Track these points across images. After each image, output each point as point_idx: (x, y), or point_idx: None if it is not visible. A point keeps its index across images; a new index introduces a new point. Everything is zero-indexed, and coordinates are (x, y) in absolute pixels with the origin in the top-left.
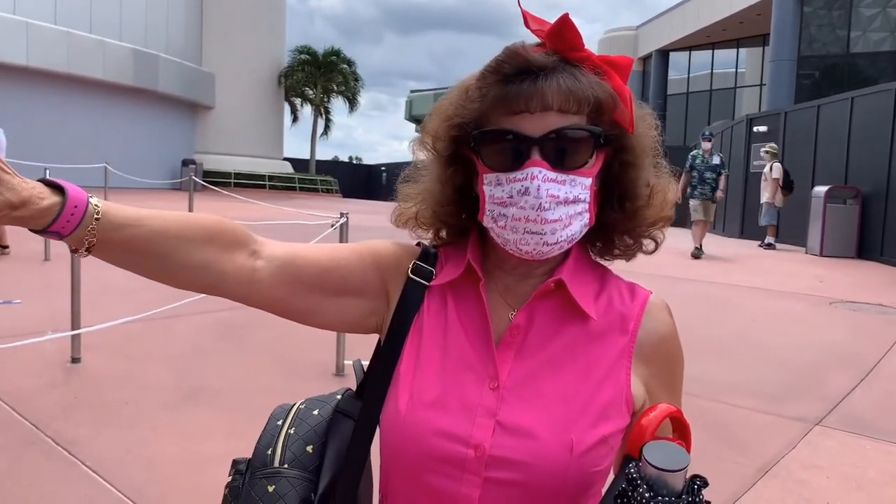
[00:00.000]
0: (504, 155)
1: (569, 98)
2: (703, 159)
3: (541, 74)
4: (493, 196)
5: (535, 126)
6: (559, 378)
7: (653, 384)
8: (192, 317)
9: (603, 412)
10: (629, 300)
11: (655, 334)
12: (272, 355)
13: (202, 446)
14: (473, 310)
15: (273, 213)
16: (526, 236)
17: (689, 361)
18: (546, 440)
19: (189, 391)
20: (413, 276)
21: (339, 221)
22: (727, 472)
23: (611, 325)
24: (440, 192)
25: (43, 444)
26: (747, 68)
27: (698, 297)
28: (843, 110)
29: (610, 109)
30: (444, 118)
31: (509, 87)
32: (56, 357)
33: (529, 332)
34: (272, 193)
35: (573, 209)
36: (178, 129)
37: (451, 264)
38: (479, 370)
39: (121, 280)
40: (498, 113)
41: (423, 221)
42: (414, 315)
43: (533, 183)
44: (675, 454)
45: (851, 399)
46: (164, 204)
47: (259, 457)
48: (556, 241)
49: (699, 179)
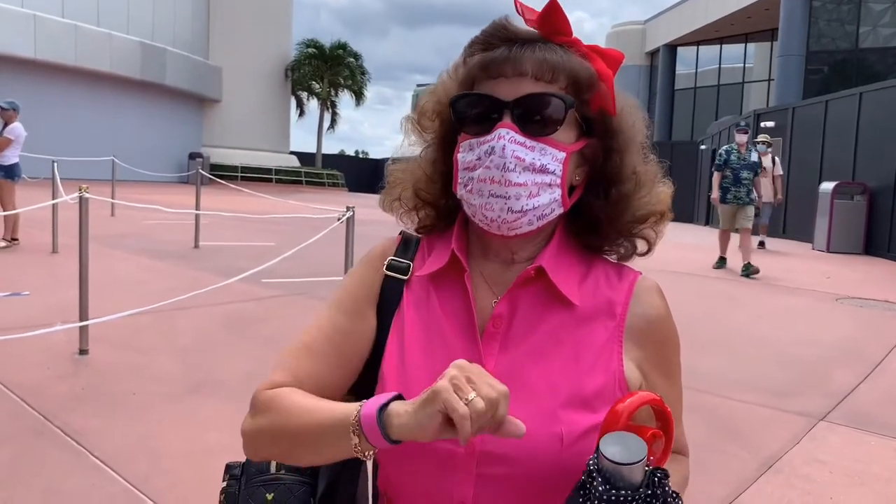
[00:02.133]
0: (479, 119)
1: (543, 66)
2: (738, 155)
3: (518, 43)
4: (465, 161)
5: (510, 91)
6: (546, 367)
7: (647, 367)
8: (199, 309)
9: (594, 399)
10: (617, 282)
11: (644, 317)
12: (279, 347)
13: (209, 437)
14: (458, 301)
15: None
16: (490, 200)
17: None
18: (535, 433)
19: (196, 383)
20: (389, 272)
21: (345, 215)
22: (730, 467)
23: (598, 310)
24: (422, 170)
25: (51, 434)
26: (755, 63)
27: (705, 292)
28: (852, 106)
29: (589, 88)
30: (433, 95)
31: (488, 55)
32: (64, 349)
33: (513, 321)
34: (278, 187)
35: (541, 178)
36: (185, 122)
37: (435, 254)
38: None
39: (128, 272)
40: (479, 80)
41: (405, 202)
42: (394, 311)
43: (499, 143)
44: (633, 446)
45: (856, 395)
46: (171, 198)
47: (255, 462)
48: (522, 210)
49: (733, 180)
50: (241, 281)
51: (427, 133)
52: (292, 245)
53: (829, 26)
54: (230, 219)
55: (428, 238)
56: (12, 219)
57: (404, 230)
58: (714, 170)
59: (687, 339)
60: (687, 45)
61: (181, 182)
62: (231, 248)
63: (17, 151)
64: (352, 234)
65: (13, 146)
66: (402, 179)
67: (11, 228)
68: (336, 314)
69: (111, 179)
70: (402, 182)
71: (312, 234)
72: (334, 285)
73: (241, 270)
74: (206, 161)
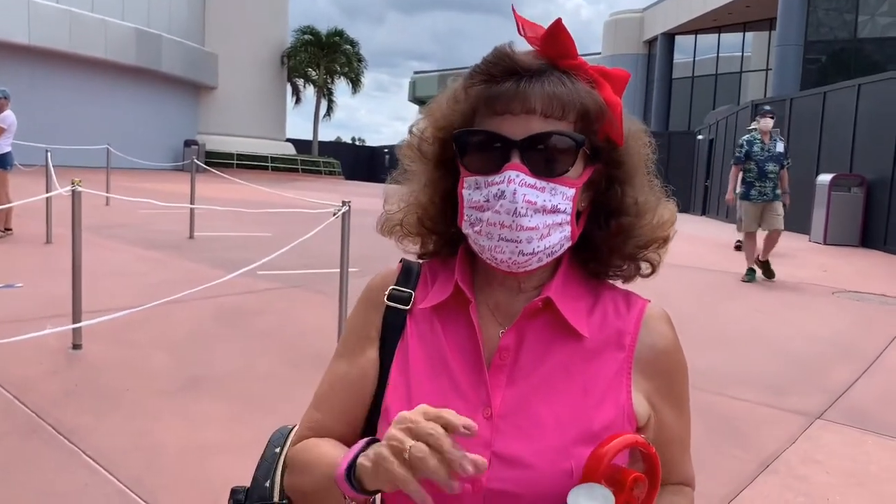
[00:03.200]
0: (484, 157)
1: (552, 102)
2: (762, 145)
3: (525, 77)
4: (471, 200)
5: (517, 129)
6: (554, 401)
7: (656, 399)
8: (193, 303)
9: (603, 433)
10: (625, 312)
11: (654, 348)
12: (274, 342)
13: (203, 434)
14: (463, 333)
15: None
16: (501, 243)
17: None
18: (544, 469)
19: (190, 378)
20: (390, 303)
21: (340, 210)
22: (727, 467)
23: (607, 341)
24: (426, 198)
25: (43, 432)
26: (753, 53)
27: (702, 285)
28: (850, 97)
29: (598, 119)
30: (431, 120)
31: (493, 88)
32: (57, 344)
33: (520, 353)
34: (274, 175)
35: (552, 219)
36: (180, 109)
37: (438, 284)
38: (471, 398)
39: (123, 263)
40: (482, 114)
41: (408, 229)
42: (396, 342)
43: (510, 187)
44: (601, 498)
45: (853, 392)
46: (166, 186)
47: (258, 489)
48: (533, 252)
49: (758, 174)
50: (237, 275)
51: (428, 158)
52: (289, 235)
53: (828, 16)
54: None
55: (430, 265)
56: (5, 209)
57: (405, 258)
58: (733, 163)
59: (684, 335)
60: (685, 34)
61: (176, 170)
62: (226, 238)
63: (10, 140)
64: (348, 227)
65: (5, 135)
66: (404, 204)
67: (4, 219)
68: (338, 361)
69: (106, 167)
70: (405, 207)
71: (309, 223)
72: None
73: (237, 261)
74: (202, 148)
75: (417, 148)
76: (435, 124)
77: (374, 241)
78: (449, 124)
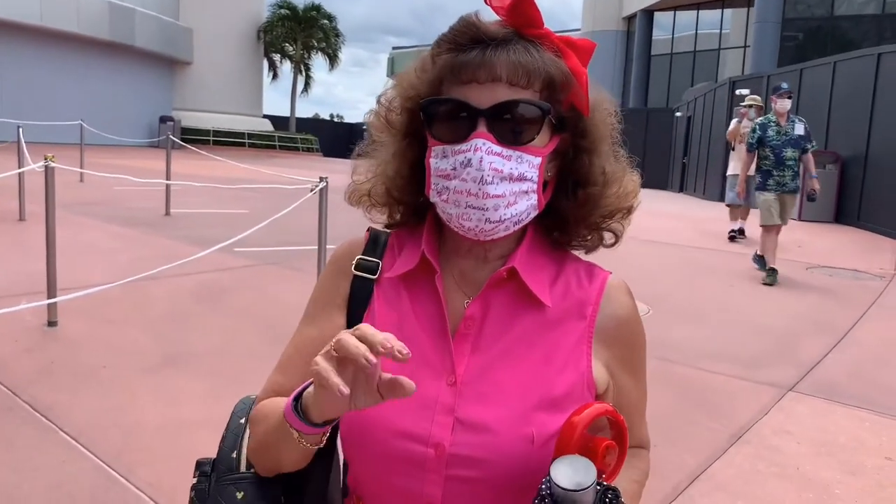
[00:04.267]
0: (450, 126)
1: (518, 70)
2: (777, 129)
3: (491, 45)
4: (438, 168)
5: (483, 97)
6: (517, 369)
7: (615, 367)
8: (170, 279)
9: (564, 400)
10: (587, 283)
11: (614, 318)
12: (253, 318)
13: (181, 411)
14: (429, 302)
15: (252, 174)
16: (468, 211)
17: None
18: (505, 435)
19: (168, 355)
20: (357, 272)
21: (318, 186)
22: (701, 438)
23: (568, 311)
24: (393, 168)
25: (20, 409)
26: (732, 30)
27: (677, 261)
28: (825, 75)
29: (564, 88)
30: (399, 90)
31: (459, 57)
32: (32, 321)
33: (485, 322)
34: (252, 151)
35: (518, 187)
36: (155, 85)
37: (405, 253)
38: (436, 365)
39: (98, 240)
40: (448, 83)
41: (376, 199)
42: (363, 311)
43: (476, 154)
44: (583, 470)
45: (824, 365)
46: (141, 163)
47: (224, 460)
48: (500, 220)
49: (775, 161)
50: (213, 251)
51: (395, 129)
52: (265, 212)
53: None
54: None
55: (397, 234)
56: None
57: (372, 227)
58: (746, 150)
59: (658, 310)
60: (664, 11)
61: (152, 146)
62: (203, 215)
63: None
64: (325, 204)
65: None
66: (371, 174)
67: None
68: (304, 326)
69: (80, 144)
70: (372, 178)
71: (286, 201)
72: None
73: (214, 239)
74: (178, 125)
75: (385, 118)
76: (403, 94)
77: (352, 217)
78: (416, 94)
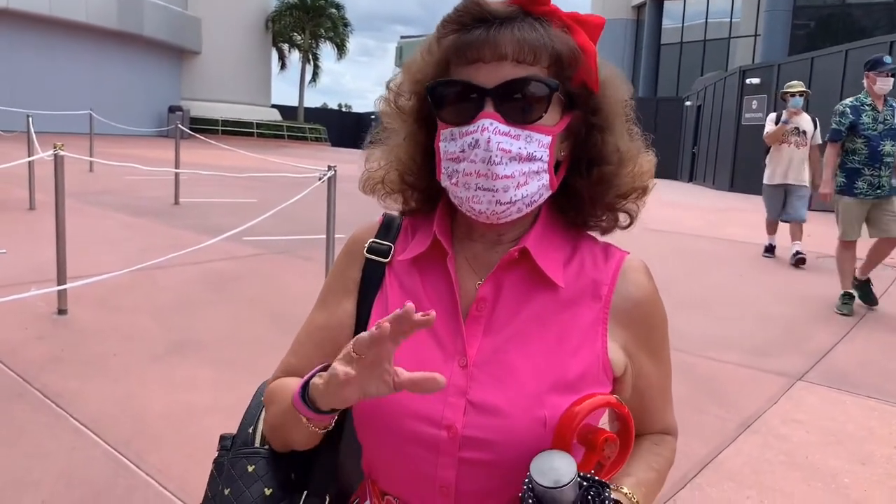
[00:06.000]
0: (458, 107)
1: (523, 47)
2: (873, 115)
3: (496, 23)
4: (448, 151)
5: (489, 76)
6: (529, 351)
7: (632, 348)
8: (179, 268)
9: (578, 382)
10: (603, 263)
11: (630, 298)
12: (261, 307)
13: (190, 398)
14: (441, 284)
15: (260, 163)
16: (478, 193)
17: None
18: (518, 417)
19: (177, 343)
20: (369, 255)
21: (326, 175)
22: (710, 427)
23: (583, 292)
24: (406, 154)
25: (30, 396)
26: (742, 18)
27: (687, 250)
28: (837, 63)
29: (572, 65)
30: (408, 74)
31: (464, 37)
32: (42, 309)
33: (497, 304)
34: (260, 141)
35: (528, 167)
36: (163, 74)
37: (418, 237)
38: (448, 347)
39: (108, 229)
40: (454, 64)
41: (390, 186)
42: (375, 294)
43: (483, 135)
44: (563, 467)
45: (833, 354)
46: (150, 153)
47: (242, 435)
48: (511, 201)
49: (868, 157)
50: (221, 239)
51: (406, 114)
52: (273, 201)
53: None
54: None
55: (411, 219)
56: None
57: (386, 212)
58: (829, 139)
59: (667, 299)
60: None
61: (161, 136)
62: (211, 204)
63: None
64: (334, 192)
65: None
66: (385, 162)
67: None
68: (316, 310)
69: (89, 133)
70: (385, 165)
71: (294, 190)
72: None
73: (222, 227)
74: (186, 114)
75: (395, 104)
76: (411, 78)
77: (360, 206)
78: (424, 77)
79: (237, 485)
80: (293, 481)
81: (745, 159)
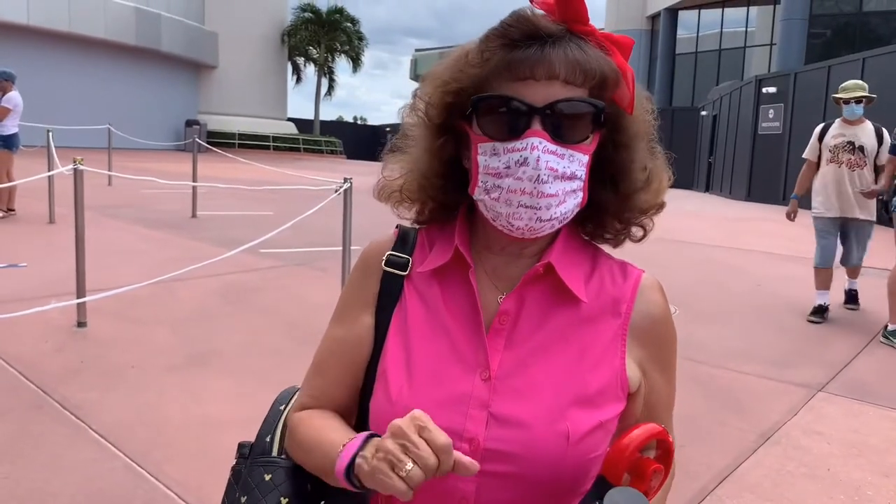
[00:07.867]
0: (504, 123)
1: (575, 69)
2: None
3: (548, 42)
4: (488, 166)
5: (539, 95)
6: (551, 365)
7: (647, 365)
8: (197, 280)
9: (598, 397)
10: (621, 281)
11: (648, 316)
12: (279, 318)
13: (209, 410)
14: (462, 297)
15: (276, 176)
16: (520, 210)
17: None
18: (540, 430)
19: (195, 355)
20: (387, 268)
21: (342, 187)
22: (730, 438)
23: (603, 308)
24: (428, 164)
25: (50, 408)
26: (758, 27)
27: (704, 261)
28: (854, 71)
29: (612, 87)
30: (438, 83)
31: (515, 53)
32: (62, 321)
33: (519, 318)
34: (276, 154)
35: (569, 185)
36: (181, 89)
37: (437, 249)
38: (470, 360)
39: (126, 242)
40: (501, 79)
41: (408, 195)
42: (393, 308)
43: (532, 153)
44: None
45: (854, 365)
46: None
47: (260, 443)
48: (550, 218)
49: None
50: (239, 251)
51: (432, 123)
52: (290, 214)
53: None
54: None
55: (427, 231)
56: (8, 189)
57: (401, 224)
58: (890, 151)
59: (686, 309)
60: (688, 9)
61: (178, 150)
62: (229, 217)
63: (16, 121)
64: (350, 204)
65: (12, 116)
66: (404, 170)
67: (7, 199)
68: (334, 327)
69: (107, 148)
70: (405, 173)
71: (310, 203)
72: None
73: (239, 240)
74: (204, 128)
75: (425, 113)
76: (444, 88)
77: (376, 218)
78: (459, 87)
79: (254, 493)
80: (309, 492)
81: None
